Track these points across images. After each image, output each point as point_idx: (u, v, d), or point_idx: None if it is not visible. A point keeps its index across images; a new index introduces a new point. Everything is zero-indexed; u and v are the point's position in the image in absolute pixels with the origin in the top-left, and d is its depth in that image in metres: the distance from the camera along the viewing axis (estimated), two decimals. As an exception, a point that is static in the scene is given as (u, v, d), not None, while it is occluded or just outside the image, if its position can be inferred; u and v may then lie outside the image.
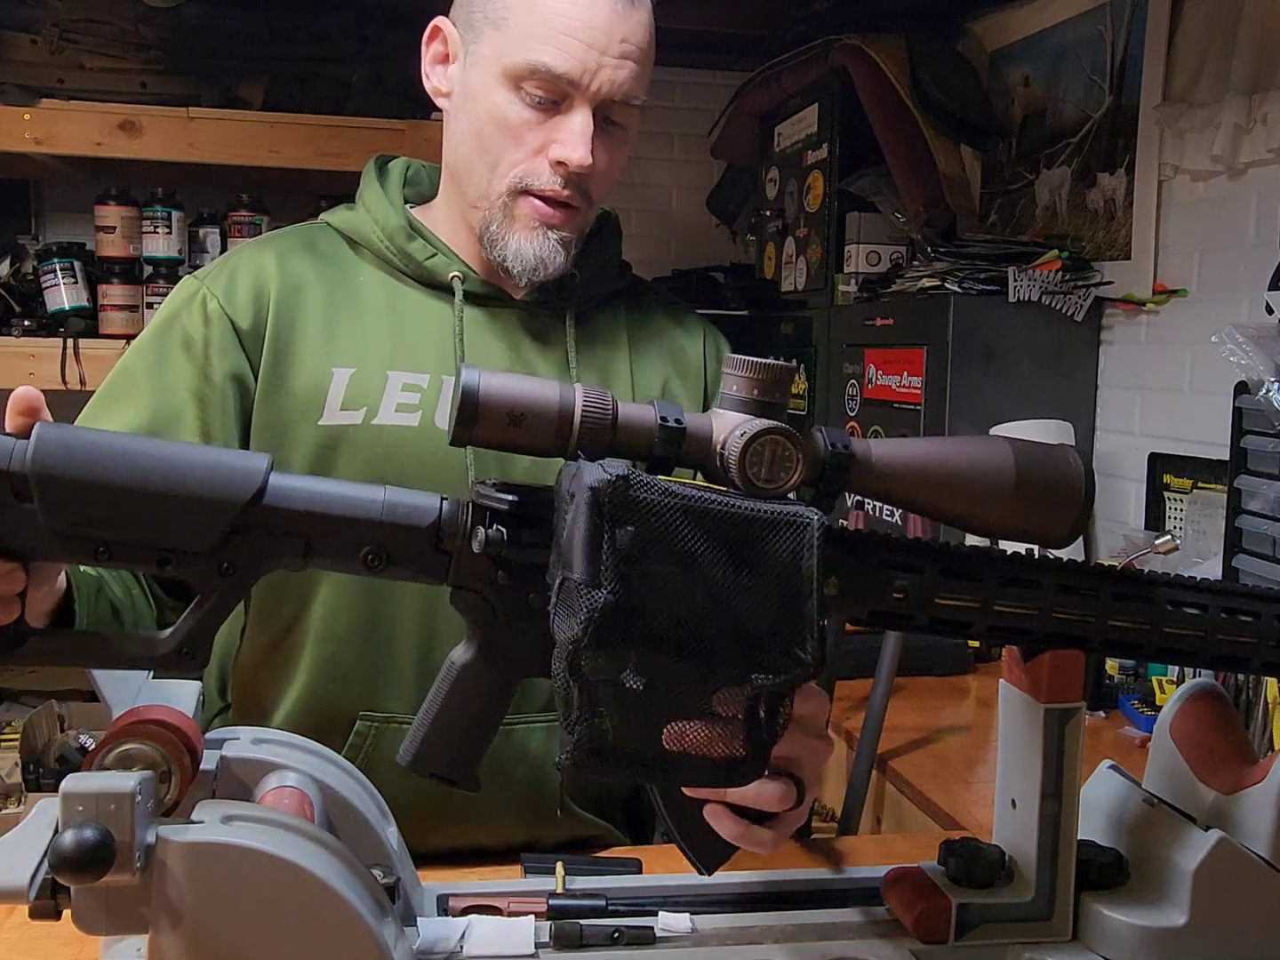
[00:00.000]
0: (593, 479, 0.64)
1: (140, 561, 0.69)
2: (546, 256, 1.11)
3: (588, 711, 0.65)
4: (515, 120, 1.08)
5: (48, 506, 0.66)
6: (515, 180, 1.10)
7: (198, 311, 1.12)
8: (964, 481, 0.74)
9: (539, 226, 1.10)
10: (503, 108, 1.08)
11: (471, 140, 1.12)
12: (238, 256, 1.17)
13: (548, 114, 1.08)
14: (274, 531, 0.69)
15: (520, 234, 1.11)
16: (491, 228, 1.12)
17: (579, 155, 1.07)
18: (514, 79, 1.07)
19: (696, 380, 1.25)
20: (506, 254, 1.11)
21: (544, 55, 1.05)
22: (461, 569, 0.72)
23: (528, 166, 1.09)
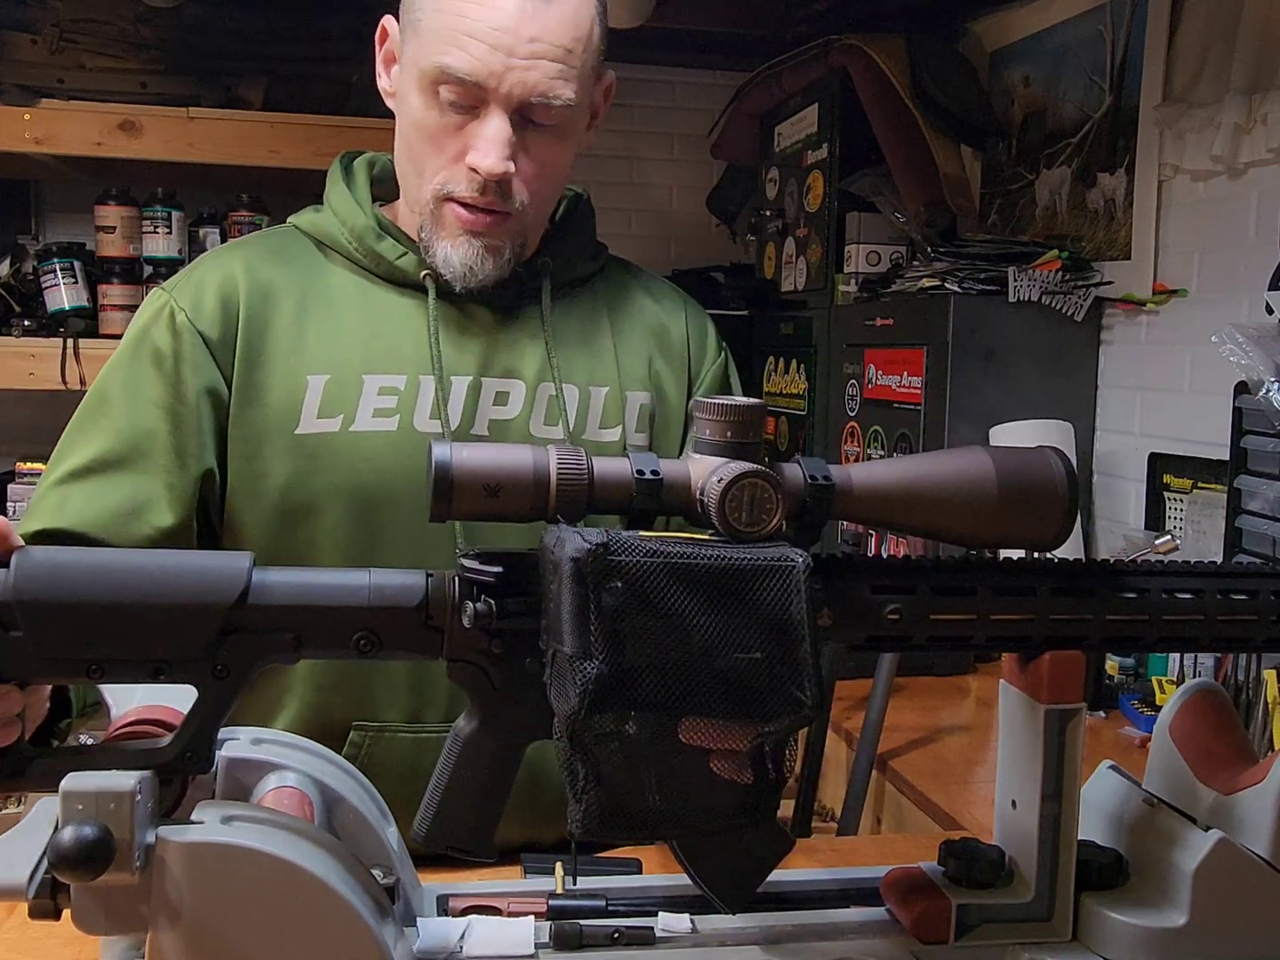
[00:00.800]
0: (573, 549, 0.64)
1: (133, 675, 0.70)
2: (474, 264, 1.10)
3: (593, 781, 0.65)
4: (434, 127, 1.07)
5: (34, 633, 0.67)
6: (438, 187, 1.09)
7: (166, 325, 1.10)
8: (947, 497, 0.74)
9: (463, 234, 1.09)
10: (422, 114, 1.08)
11: (402, 145, 1.12)
12: (203, 266, 1.16)
13: (465, 118, 1.06)
14: (263, 629, 0.70)
15: (447, 241, 1.10)
16: (424, 233, 1.12)
17: (489, 162, 1.05)
18: (429, 84, 1.06)
19: (680, 358, 1.25)
20: (437, 261, 1.11)
21: (447, 58, 1.04)
22: (454, 643, 0.72)
23: (448, 173, 1.08)
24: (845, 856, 1.14)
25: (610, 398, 1.18)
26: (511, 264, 1.13)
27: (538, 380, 1.15)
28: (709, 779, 0.68)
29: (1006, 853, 0.83)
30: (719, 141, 3.48)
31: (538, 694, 0.70)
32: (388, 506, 1.09)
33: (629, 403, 1.19)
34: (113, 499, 1.06)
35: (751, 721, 0.67)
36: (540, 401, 1.15)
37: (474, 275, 1.10)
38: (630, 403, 1.19)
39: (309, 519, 1.09)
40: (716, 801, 0.68)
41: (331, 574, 0.72)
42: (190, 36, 2.75)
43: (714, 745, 0.67)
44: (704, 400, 0.72)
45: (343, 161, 1.22)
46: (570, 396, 1.16)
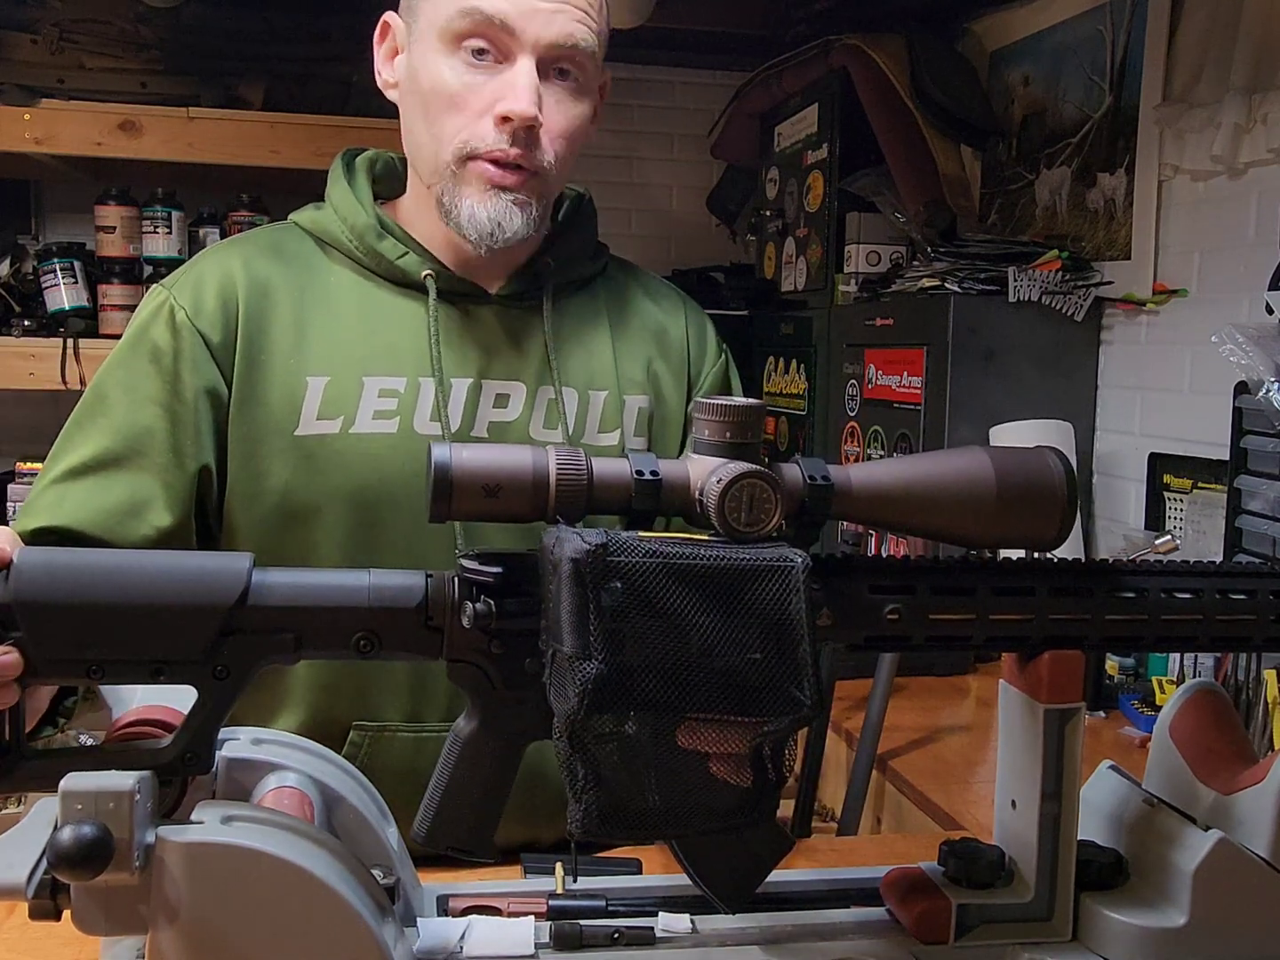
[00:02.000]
0: (572, 550, 0.64)
1: (133, 675, 0.70)
2: (502, 218, 1.07)
3: (593, 781, 0.65)
4: (457, 85, 1.06)
5: (34, 634, 0.67)
6: (460, 146, 1.07)
7: (165, 323, 1.10)
8: (946, 497, 0.74)
9: (490, 189, 1.07)
10: (444, 74, 1.07)
11: (420, 117, 1.10)
12: (203, 263, 1.15)
13: (490, 73, 1.06)
14: (263, 630, 0.70)
15: (472, 199, 1.07)
16: (445, 198, 1.09)
17: (521, 105, 1.04)
18: (451, 39, 1.05)
19: (680, 360, 1.24)
20: (461, 220, 1.08)
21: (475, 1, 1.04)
22: (454, 643, 0.72)
23: (472, 130, 1.06)
24: (845, 856, 1.14)
25: (609, 402, 1.18)
26: (536, 223, 1.10)
27: (538, 383, 1.15)
28: (709, 779, 0.68)
29: (1006, 853, 0.83)
30: (719, 141, 3.48)
31: (537, 694, 0.70)
32: (387, 509, 1.08)
33: (627, 406, 1.19)
34: (110, 498, 1.06)
35: (751, 721, 0.67)
36: (540, 405, 1.15)
37: (501, 232, 1.08)
38: (629, 406, 1.19)
39: (308, 521, 1.08)
40: (716, 801, 0.68)
41: (331, 574, 0.72)
42: (190, 36, 2.75)
43: (713, 748, 0.67)
44: (703, 401, 0.72)
45: (344, 159, 1.21)
46: (569, 400, 1.16)
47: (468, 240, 1.10)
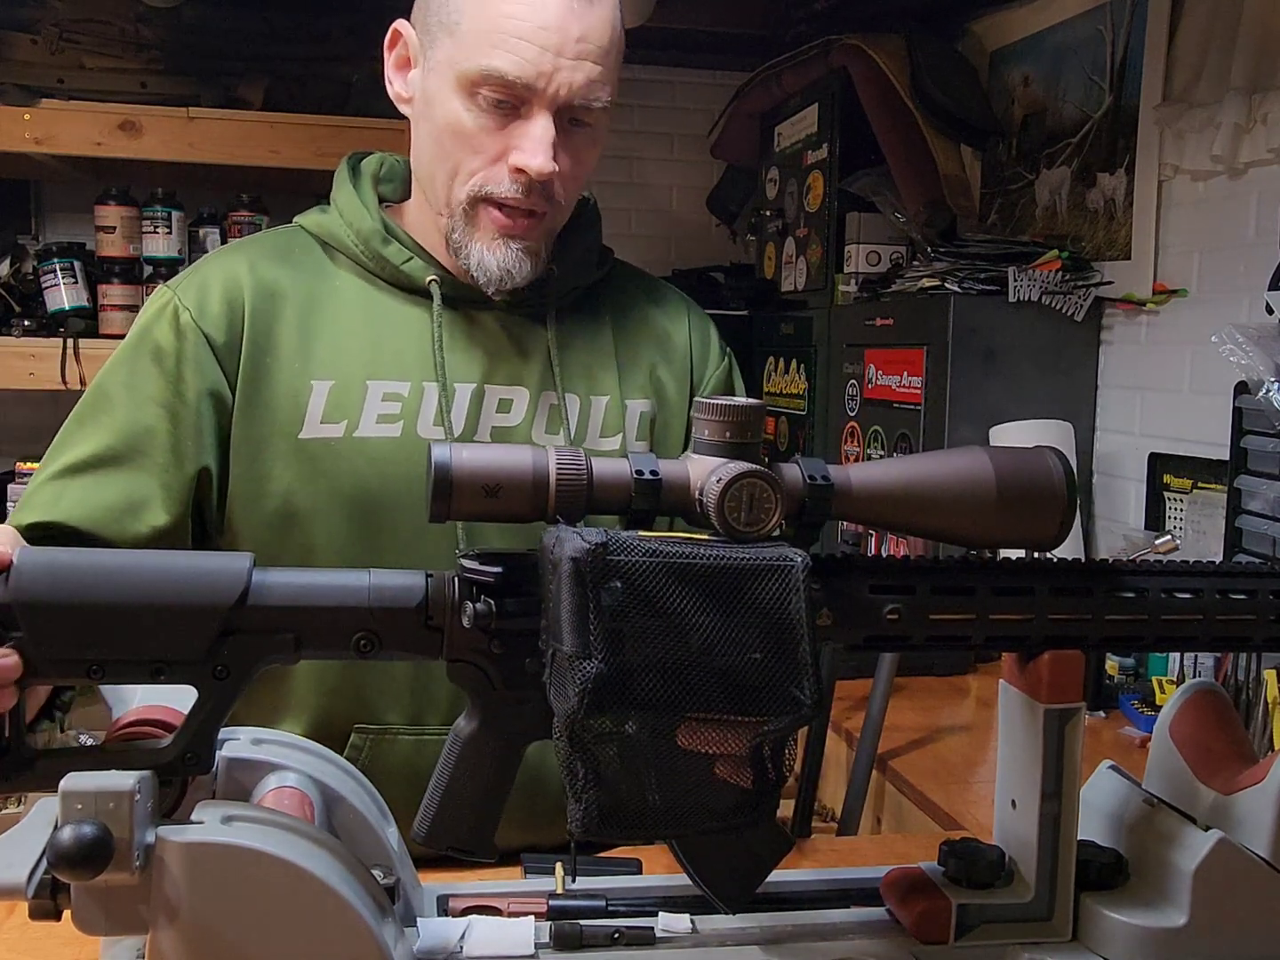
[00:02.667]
0: (572, 549, 0.64)
1: (133, 675, 0.70)
2: (511, 267, 1.09)
3: (593, 781, 0.65)
4: (472, 128, 1.06)
5: (34, 634, 0.67)
6: (474, 188, 1.07)
7: (169, 324, 1.09)
8: (946, 497, 0.74)
9: (500, 237, 1.08)
10: (459, 115, 1.06)
11: (432, 148, 1.10)
12: (209, 265, 1.15)
13: (507, 119, 1.05)
14: (263, 630, 0.70)
15: (482, 244, 1.09)
16: (455, 235, 1.10)
17: (538, 162, 1.04)
18: (469, 85, 1.04)
19: (683, 364, 1.24)
20: (470, 264, 1.10)
21: (496, 60, 1.02)
22: (454, 643, 0.72)
23: (487, 174, 1.07)
24: (845, 856, 1.14)
25: (611, 407, 1.18)
26: (544, 265, 1.12)
27: (540, 388, 1.15)
28: (709, 779, 0.68)
29: (1006, 853, 0.83)
30: (719, 141, 3.48)
31: (537, 694, 0.70)
32: (389, 512, 1.08)
33: (629, 411, 1.19)
34: (108, 495, 1.06)
35: (751, 721, 0.67)
36: (543, 410, 1.15)
37: (510, 278, 1.09)
38: (630, 411, 1.19)
39: (310, 523, 1.08)
40: (716, 801, 0.68)
41: (331, 575, 0.72)
42: (190, 36, 2.75)
43: (713, 748, 0.67)
44: (703, 401, 0.72)
45: (350, 162, 1.21)
46: (571, 405, 1.16)
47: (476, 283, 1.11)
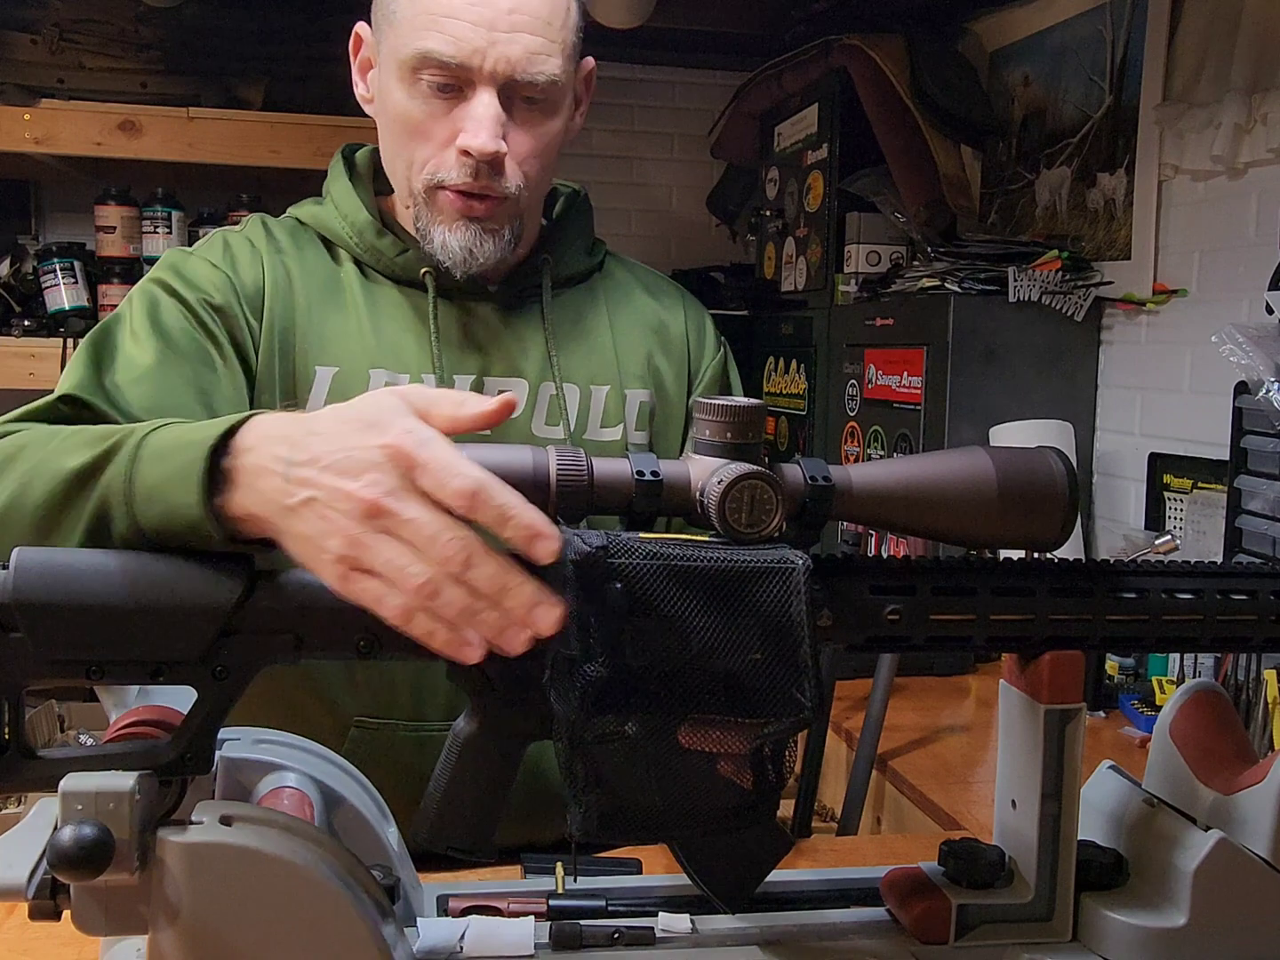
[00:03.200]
0: (573, 552, 0.64)
1: (133, 676, 0.69)
2: (473, 245, 1.08)
3: (593, 782, 0.65)
4: (419, 115, 1.06)
5: (34, 634, 0.67)
6: (428, 177, 1.08)
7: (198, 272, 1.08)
8: (947, 498, 0.74)
9: (460, 219, 1.08)
10: (405, 104, 1.06)
11: (390, 142, 1.11)
12: (226, 235, 1.14)
13: (452, 102, 1.05)
14: (263, 630, 0.69)
15: (444, 227, 1.09)
16: (420, 223, 1.10)
17: (479, 141, 1.03)
18: (409, 72, 1.05)
19: (680, 354, 1.24)
20: (435, 248, 1.10)
21: (429, 41, 1.03)
22: None
23: (438, 160, 1.07)
24: (845, 856, 1.14)
25: (610, 397, 1.18)
26: (512, 245, 1.11)
27: (539, 379, 1.15)
28: (709, 780, 0.68)
29: (1006, 853, 0.83)
30: (719, 141, 3.48)
31: (538, 694, 0.70)
32: None
33: (629, 401, 1.19)
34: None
35: (751, 723, 0.67)
36: (542, 401, 1.15)
37: (474, 259, 1.09)
38: (630, 401, 1.19)
39: None
40: (716, 802, 0.68)
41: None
42: (190, 36, 2.75)
43: (714, 749, 0.67)
44: (704, 401, 0.72)
45: (344, 153, 1.21)
46: (571, 396, 1.16)
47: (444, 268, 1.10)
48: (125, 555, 0.70)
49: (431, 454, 0.64)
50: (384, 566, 0.64)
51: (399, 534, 0.64)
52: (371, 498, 0.63)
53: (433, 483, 0.63)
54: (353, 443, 0.65)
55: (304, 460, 0.66)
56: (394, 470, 0.64)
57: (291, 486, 0.66)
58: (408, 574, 0.63)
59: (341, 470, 0.65)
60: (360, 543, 0.64)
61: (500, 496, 0.63)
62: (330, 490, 0.65)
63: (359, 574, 0.65)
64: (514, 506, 0.64)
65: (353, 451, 0.65)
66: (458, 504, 0.63)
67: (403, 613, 0.64)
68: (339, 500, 0.64)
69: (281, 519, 0.67)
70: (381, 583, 0.64)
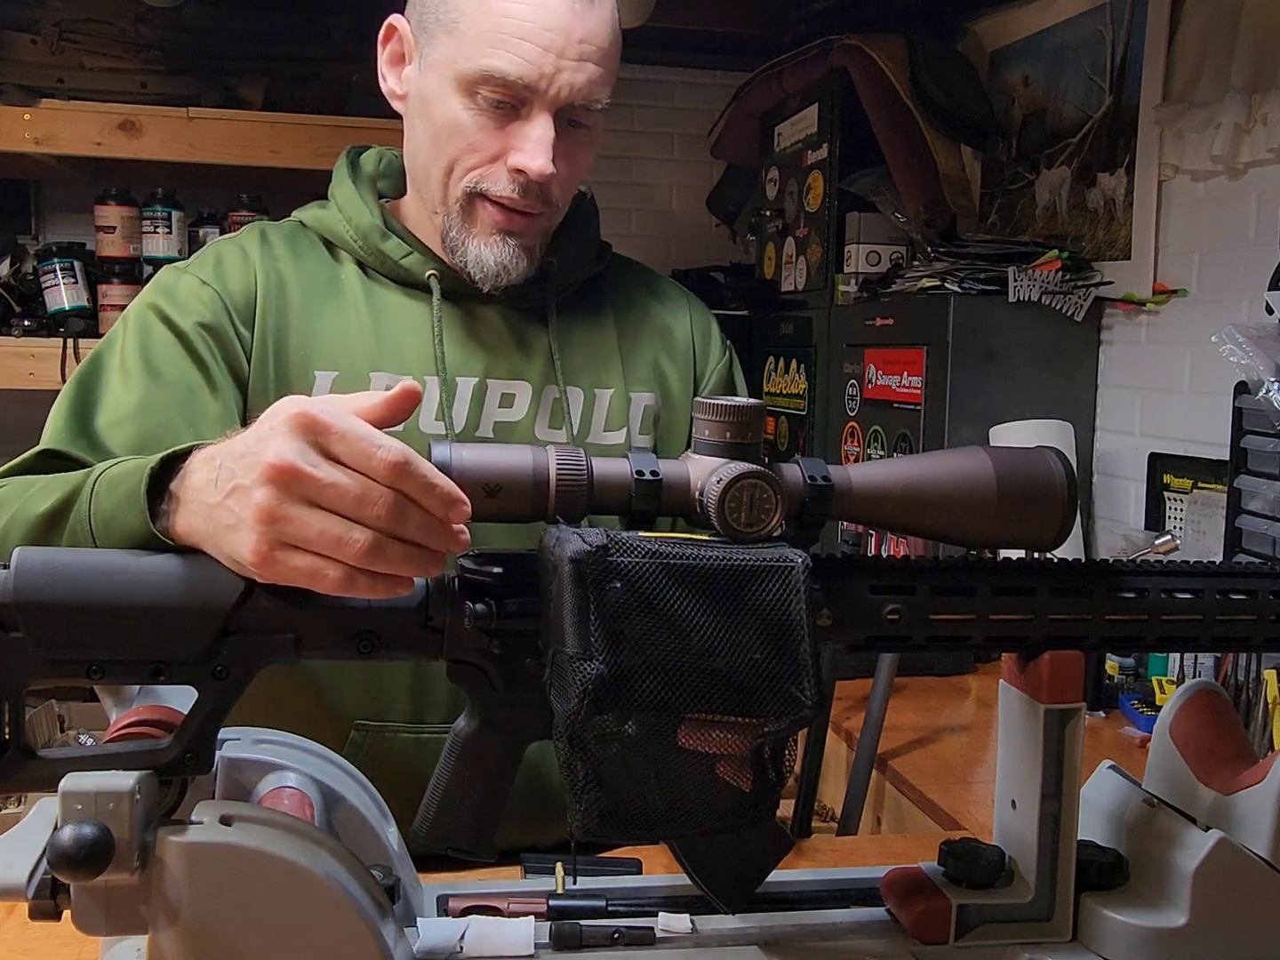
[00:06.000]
0: (573, 551, 0.64)
1: (133, 675, 0.70)
2: (509, 263, 1.09)
3: (593, 781, 0.65)
4: (471, 127, 1.05)
5: (34, 634, 0.67)
6: (470, 184, 1.07)
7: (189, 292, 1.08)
8: (947, 498, 0.74)
9: (497, 233, 1.08)
10: (458, 114, 1.06)
11: (428, 146, 1.10)
12: (219, 247, 1.14)
13: (506, 119, 1.05)
14: (263, 630, 0.70)
15: (479, 240, 1.09)
16: (452, 233, 1.10)
17: (539, 164, 1.04)
18: (468, 85, 1.04)
19: (685, 357, 1.24)
20: (467, 260, 1.10)
21: (498, 60, 1.02)
22: (454, 643, 0.72)
23: (484, 171, 1.07)
24: (845, 856, 1.14)
25: (615, 400, 1.18)
26: (540, 261, 1.12)
27: (543, 383, 1.15)
28: (709, 779, 0.68)
29: (1006, 853, 0.83)
30: (719, 141, 3.48)
31: (538, 694, 0.70)
32: None
33: (633, 404, 1.19)
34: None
35: (751, 722, 0.67)
36: (545, 404, 1.15)
37: (507, 274, 1.09)
38: (635, 404, 1.19)
39: None
40: (716, 802, 0.68)
41: None
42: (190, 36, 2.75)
43: (714, 748, 0.67)
44: (703, 401, 0.72)
45: (349, 156, 1.21)
46: (575, 400, 1.16)
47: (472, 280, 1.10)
48: (125, 555, 0.70)
49: (343, 423, 0.65)
50: (319, 538, 0.64)
51: (321, 500, 0.65)
52: (279, 459, 0.64)
53: (349, 450, 0.65)
54: (263, 427, 0.67)
55: (227, 457, 0.69)
56: (303, 435, 0.65)
57: (218, 488, 0.68)
58: (348, 540, 0.64)
59: (252, 450, 0.66)
60: (284, 516, 0.65)
61: (422, 465, 0.65)
62: (245, 469, 0.66)
63: (286, 551, 0.65)
64: (433, 474, 0.65)
65: (264, 434, 0.67)
66: (386, 473, 0.64)
67: (344, 580, 0.65)
68: (250, 472, 0.66)
69: (210, 520, 0.69)
70: (315, 557, 0.65)
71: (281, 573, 0.66)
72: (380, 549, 0.65)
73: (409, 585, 0.68)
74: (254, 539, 0.65)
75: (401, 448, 0.65)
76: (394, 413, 0.68)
